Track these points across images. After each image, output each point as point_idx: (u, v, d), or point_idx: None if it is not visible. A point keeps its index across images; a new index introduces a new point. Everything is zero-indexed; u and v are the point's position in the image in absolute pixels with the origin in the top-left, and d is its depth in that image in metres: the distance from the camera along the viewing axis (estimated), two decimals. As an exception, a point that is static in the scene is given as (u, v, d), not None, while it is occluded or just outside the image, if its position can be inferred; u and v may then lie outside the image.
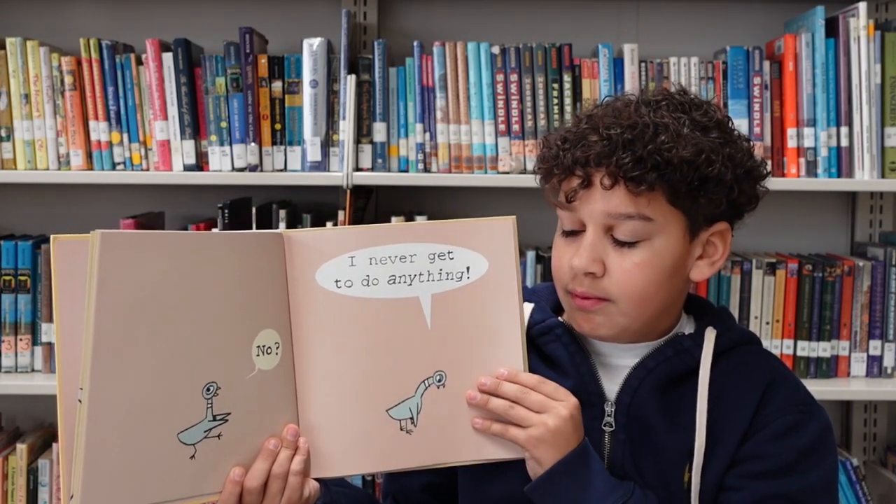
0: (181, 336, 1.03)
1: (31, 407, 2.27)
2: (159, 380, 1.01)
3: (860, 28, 1.99)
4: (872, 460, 2.29)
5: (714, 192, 1.11)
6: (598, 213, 1.11)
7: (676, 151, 1.08)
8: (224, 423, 1.06)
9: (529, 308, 1.24)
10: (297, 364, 1.12)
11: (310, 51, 2.01)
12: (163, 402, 1.02)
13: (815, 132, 2.02)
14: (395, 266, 1.13)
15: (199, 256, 1.05)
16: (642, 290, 1.12)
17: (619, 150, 1.09)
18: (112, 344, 0.97)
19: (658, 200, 1.10)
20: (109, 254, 0.97)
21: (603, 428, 1.17)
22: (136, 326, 0.99)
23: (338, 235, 1.16)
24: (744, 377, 1.17)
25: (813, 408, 1.18)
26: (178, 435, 1.02)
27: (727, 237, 1.17)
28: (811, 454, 1.15)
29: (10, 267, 2.05)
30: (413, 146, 2.04)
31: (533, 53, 2.03)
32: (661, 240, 1.12)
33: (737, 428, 1.15)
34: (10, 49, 2.03)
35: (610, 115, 1.14)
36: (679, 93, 1.17)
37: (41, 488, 2.07)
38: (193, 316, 1.03)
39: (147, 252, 1.00)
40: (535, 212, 1.23)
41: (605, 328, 1.15)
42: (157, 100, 2.02)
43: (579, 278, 1.13)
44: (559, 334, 1.20)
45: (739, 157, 1.13)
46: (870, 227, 2.29)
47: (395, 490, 1.30)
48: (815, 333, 2.06)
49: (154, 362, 1.01)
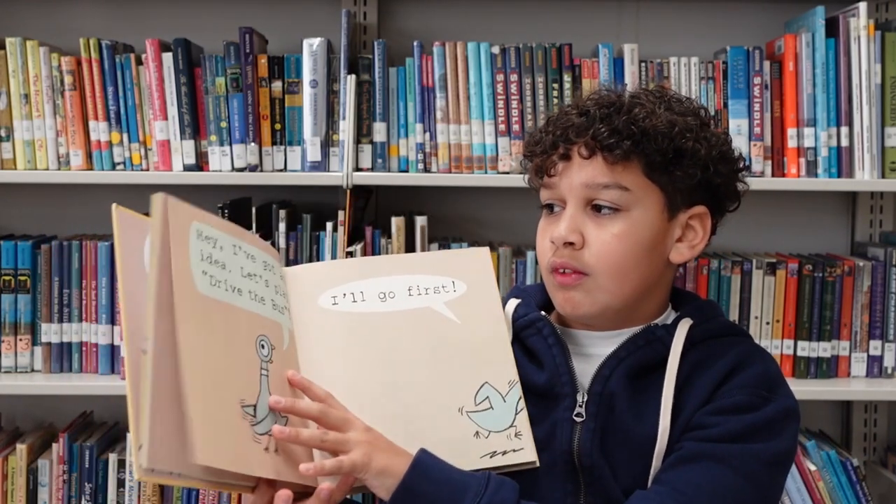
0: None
1: (31, 407, 2.27)
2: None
3: (860, 28, 1.99)
4: (872, 460, 2.29)
5: (689, 167, 1.15)
6: (577, 185, 1.16)
7: (651, 122, 1.14)
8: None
9: (515, 304, 1.27)
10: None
11: (310, 51, 2.01)
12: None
13: (816, 132, 2.02)
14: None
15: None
16: (620, 261, 1.15)
17: (597, 123, 1.15)
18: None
19: (634, 171, 1.15)
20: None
21: (574, 418, 1.18)
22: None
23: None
24: (712, 362, 1.17)
25: (777, 396, 1.15)
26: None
27: (706, 222, 1.20)
28: (761, 429, 1.12)
29: (10, 267, 2.05)
30: (413, 146, 2.04)
31: (533, 53, 2.03)
32: (638, 212, 1.16)
33: (693, 405, 1.15)
34: (10, 49, 2.03)
35: (588, 98, 1.21)
36: (658, 88, 1.24)
37: (41, 488, 2.07)
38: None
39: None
40: (535, 212, 1.24)
41: (586, 305, 1.18)
42: (156, 100, 2.02)
43: (560, 250, 1.17)
44: (540, 327, 1.22)
45: (714, 140, 1.18)
46: (870, 227, 2.29)
47: None
48: (816, 333, 2.06)
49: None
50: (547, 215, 1.22)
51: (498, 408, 1.17)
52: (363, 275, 1.18)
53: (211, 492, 2.05)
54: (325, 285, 1.16)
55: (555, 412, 1.19)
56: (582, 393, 1.18)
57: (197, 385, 0.96)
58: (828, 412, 2.31)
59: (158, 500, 2.08)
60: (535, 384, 1.20)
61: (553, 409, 1.19)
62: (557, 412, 1.18)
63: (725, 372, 1.16)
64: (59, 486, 2.06)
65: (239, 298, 1.05)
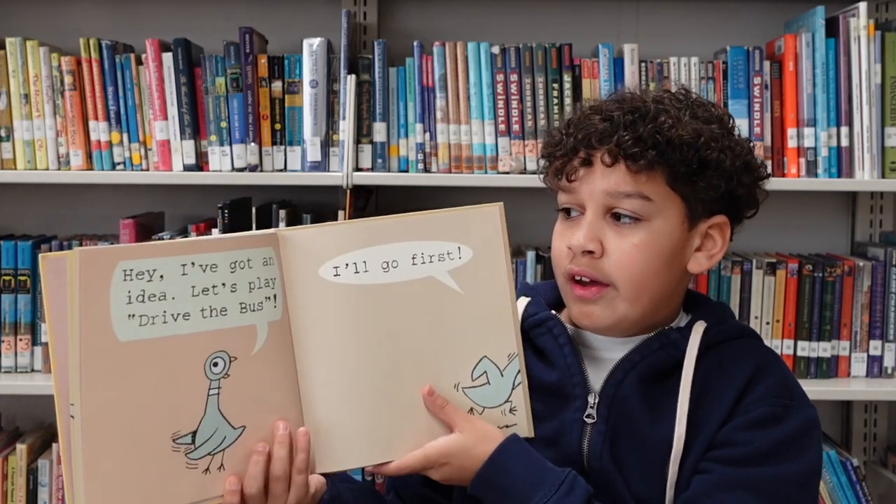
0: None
1: (31, 407, 2.27)
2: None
3: (860, 28, 1.99)
4: (873, 460, 2.29)
5: (713, 178, 1.13)
6: (598, 193, 1.13)
7: (676, 131, 1.11)
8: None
9: (525, 302, 1.25)
10: (298, 357, 1.12)
11: (310, 51, 2.01)
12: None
13: (816, 132, 2.02)
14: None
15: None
16: (640, 271, 1.13)
17: (621, 130, 1.12)
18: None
19: (657, 181, 1.12)
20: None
21: (585, 419, 1.17)
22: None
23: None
24: (730, 369, 1.16)
25: (797, 403, 1.15)
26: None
27: (726, 232, 1.18)
28: (788, 447, 1.12)
29: (10, 267, 2.04)
30: (413, 146, 2.04)
31: (533, 53, 2.03)
32: (659, 222, 1.13)
33: (716, 416, 1.14)
34: (10, 49, 2.03)
35: (614, 100, 1.17)
36: (681, 91, 1.20)
37: (41, 488, 2.07)
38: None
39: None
40: (536, 212, 1.24)
41: (604, 318, 1.16)
42: (156, 100, 2.02)
43: (577, 258, 1.15)
44: (550, 327, 1.21)
45: (738, 149, 1.15)
46: (870, 227, 2.29)
47: (397, 484, 1.30)
48: (816, 333, 2.06)
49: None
50: (564, 219, 1.19)
51: (495, 383, 1.16)
52: (367, 242, 1.14)
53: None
54: (328, 254, 1.14)
55: (564, 412, 1.18)
56: (593, 395, 1.17)
57: (105, 443, 0.99)
58: (828, 412, 2.31)
59: None
60: (545, 382, 1.19)
61: (562, 409, 1.18)
62: (567, 412, 1.17)
63: (745, 381, 1.15)
64: (58, 486, 2.06)
65: (183, 325, 1.05)
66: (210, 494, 1.06)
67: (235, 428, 1.07)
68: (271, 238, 1.12)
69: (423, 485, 1.27)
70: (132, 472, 1.00)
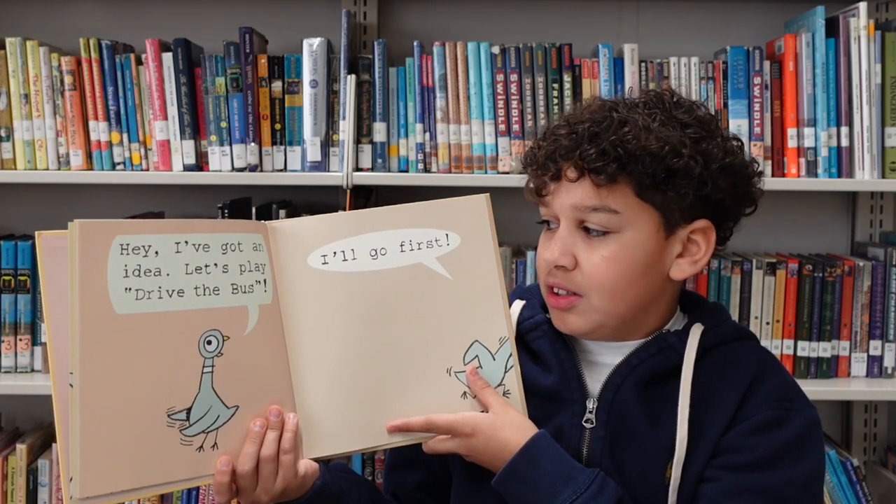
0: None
1: (31, 407, 2.27)
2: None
3: (860, 28, 1.99)
4: (873, 460, 2.29)
5: (682, 187, 1.11)
6: (566, 207, 1.14)
7: (638, 143, 1.10)
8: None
9: (520, 305, 1.25)
10: (289, 344, 1.13)
11: (310, 51, 2.01)
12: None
13: (816, 132, 2.02)
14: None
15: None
16: (611, 283, 1.13)
17: (585, 143, 1.12)
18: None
19: (624, 193, 1.11)
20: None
21: (583, 424, 1.17)
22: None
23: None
24: (729, 372, 1.16)
25: (798, 404, 1.16)
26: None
27: (710, 236, 1.16)
28: (793, 450, 1.12)
29: (10, 267, 2.05)
30: (413, 146, 2.04)
31: (533, 53, 2.03)
32: (630, 233, 1.12)
33: (720, 422, 1.14)
34: (10, 49, 2.03)
35: (584, 111, 1.16)
36: (665, 92, 1.18)
37: (41, 488, 2.07)
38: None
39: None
40: (535, 212, 1.24)
41: (579, 324, 1.16)
42: (156, 100, 2.02)
43: (553, 271, 1.15)
44: (546, 330, 1.21)
45: (716, 152, 1.12)
46: (870, 227, 2.29)
47: (394, 486, 1.30)
48: (816, 334, 2.06)
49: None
50: (546, 230, 1.19)
51: (487, 367, 1.16)
52: (355, 230, 1.15)
53: (212, 492, 2.05)
54: (316, 243, 1.15)
55: (560, 416, 1.17)
56: (592, 399, 1.17)
57: (102, 413, 1.00)
58: (828, 412, 2.31)
59: (158, 500, 2.08)
60: (542, 386, 1.19)
61: (558, 414, 1.18)
62: (563, 417, 1.17)
63: (746, 385, 1.15)
64: (58, 486, 2.05)
65: (178, 301, 1.06)
66: (203, 472, 1.07)
67: (229, 407, 1.08)
68: (260, 226, 1.14)
69: (416, 489, 1.28)
70: (128, 445, 1.02)
